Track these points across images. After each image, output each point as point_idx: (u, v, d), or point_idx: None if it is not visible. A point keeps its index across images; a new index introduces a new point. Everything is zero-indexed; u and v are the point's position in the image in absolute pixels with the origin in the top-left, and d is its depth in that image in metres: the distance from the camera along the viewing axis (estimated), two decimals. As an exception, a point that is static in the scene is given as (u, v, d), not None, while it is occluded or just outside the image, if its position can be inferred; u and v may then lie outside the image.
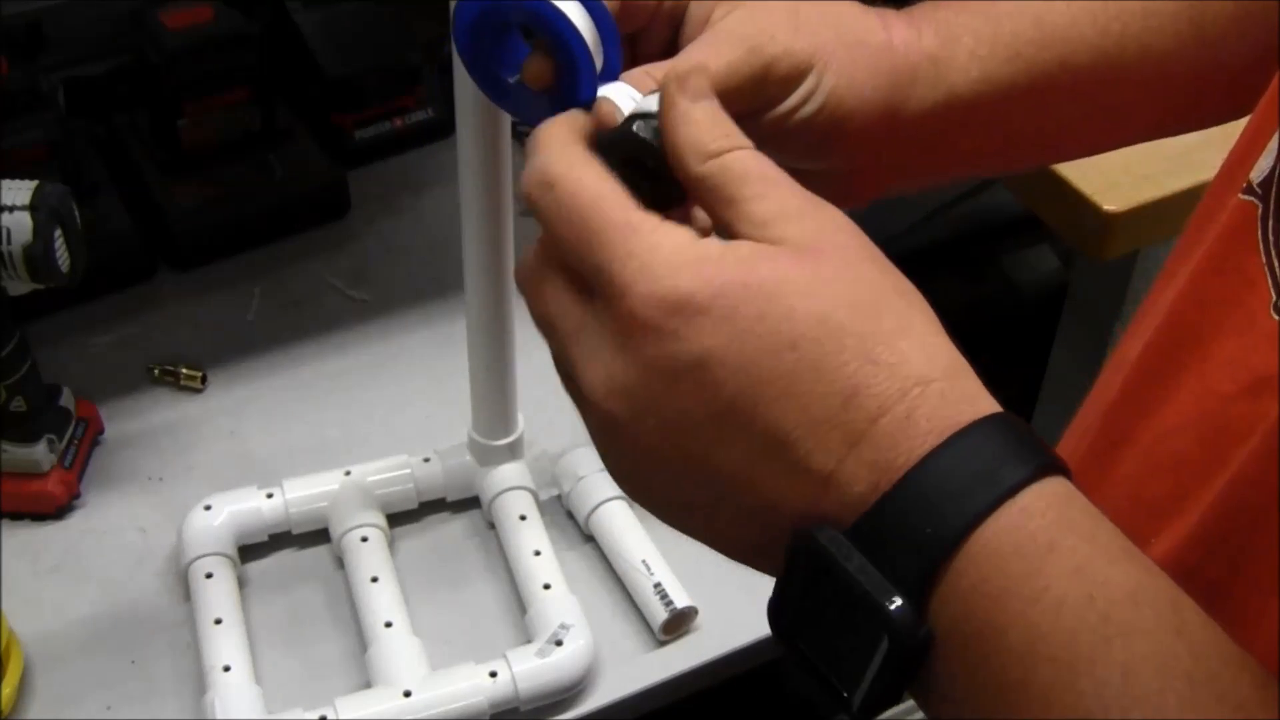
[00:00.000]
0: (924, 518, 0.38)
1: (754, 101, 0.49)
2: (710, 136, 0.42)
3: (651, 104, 0.45)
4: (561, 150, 0.43)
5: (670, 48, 0.51)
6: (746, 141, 0.43)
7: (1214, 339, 0.47)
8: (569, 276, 0.43)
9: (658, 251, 0.40)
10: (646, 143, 0.44)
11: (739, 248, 0.41)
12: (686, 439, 0.40)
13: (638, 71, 0.47)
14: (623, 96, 0.46)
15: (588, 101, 0.46)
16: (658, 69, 0.47)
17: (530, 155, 0.44)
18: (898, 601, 0.38)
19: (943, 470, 0.38)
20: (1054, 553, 0.37)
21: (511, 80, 0.49)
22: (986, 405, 0.40)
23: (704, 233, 0.42)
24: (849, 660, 0.39)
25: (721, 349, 0.39)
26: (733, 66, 0.48)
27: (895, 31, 0.52)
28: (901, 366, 0.39)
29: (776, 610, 0.41)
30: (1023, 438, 0.39)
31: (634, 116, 0.45)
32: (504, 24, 0.48)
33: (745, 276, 0.40)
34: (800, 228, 0.41)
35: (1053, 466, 0.39)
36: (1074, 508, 0.38)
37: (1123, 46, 0.55)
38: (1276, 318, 0.44)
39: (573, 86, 0.47)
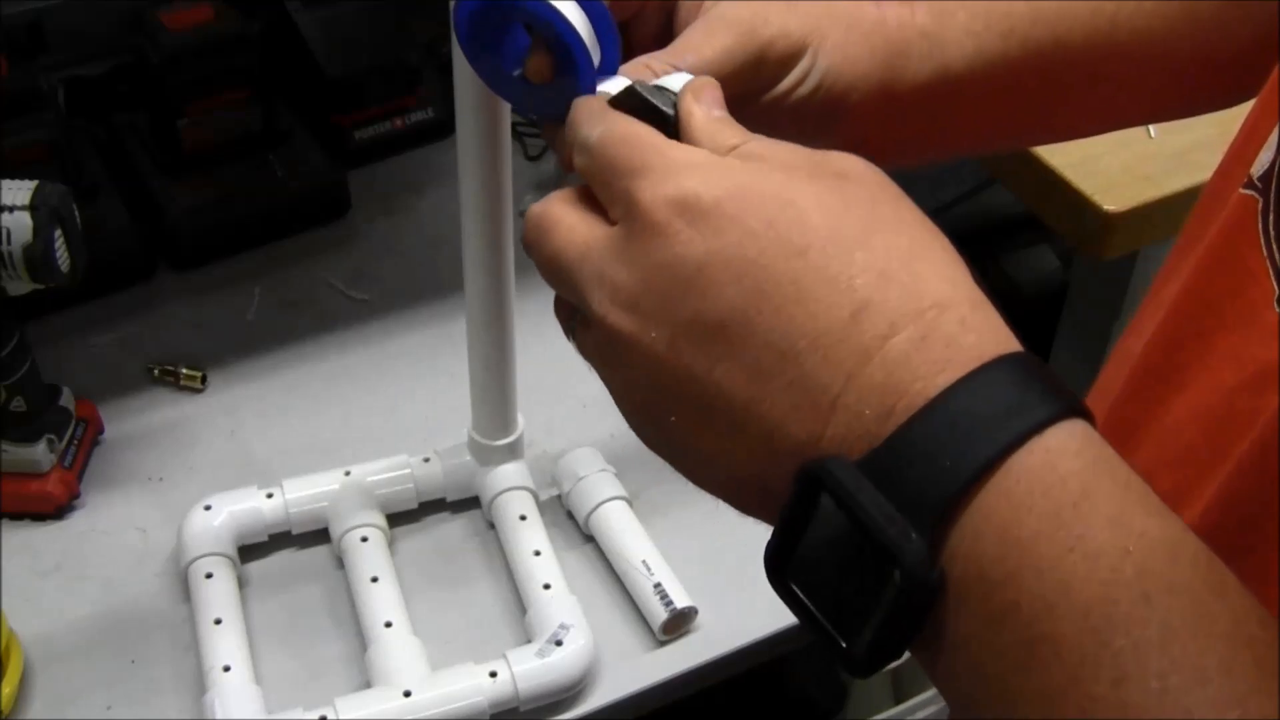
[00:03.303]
0: (943, 450, 0.35)
1: (751, 84, 0.49)
2: (725, 135, 0.43)
3: (671, 82, 0.46)
4: (602, 110, 0.44)
5: (664, 33, 0.51)
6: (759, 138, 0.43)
7: (1217, 333, 0.47)
8: (585, 210, 0.43)
9: (678, 159, 0.40)
10: (665, 114, 0.44)
11: (762, 164, 0.40)
12: (690, 352, 0.39)
13: (636, 63, 0.48)
14: (616, 89, 0.46)
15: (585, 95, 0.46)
16: (655, 60, 0.47)
17: (573, 122, 0.44)
18: (913, 536, 0.35)
19: (963, 403, 0.36)
20: (1089, 499, 0.35)
21: (514, 74, 0.50)
22: (1009, 341, 0.38)
23: None
24: (852, 604, 0.37)
25: (725, 250, 0.38)
26: (729, 51, 0.48)
27: (888, 8, 0.52)
28: (917, 285, 0.38)
29: (775, 552, 0.39)
30: (1052, 375, 0.37)
31: (654, 89, 0.45)
32: (504, 18, 0.49)
33: (760, 183, 0.39)
34: (827, 158, 0.41)
35: (1083, 410, 0.37)
36: (1106, 449, 0.36)
37: (1116, 25, 0.55)
38: (1278, 310, 0.44)
39: (573, 81, 0.47)
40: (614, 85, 0.47)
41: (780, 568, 0.39)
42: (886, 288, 0.37)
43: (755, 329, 0.38)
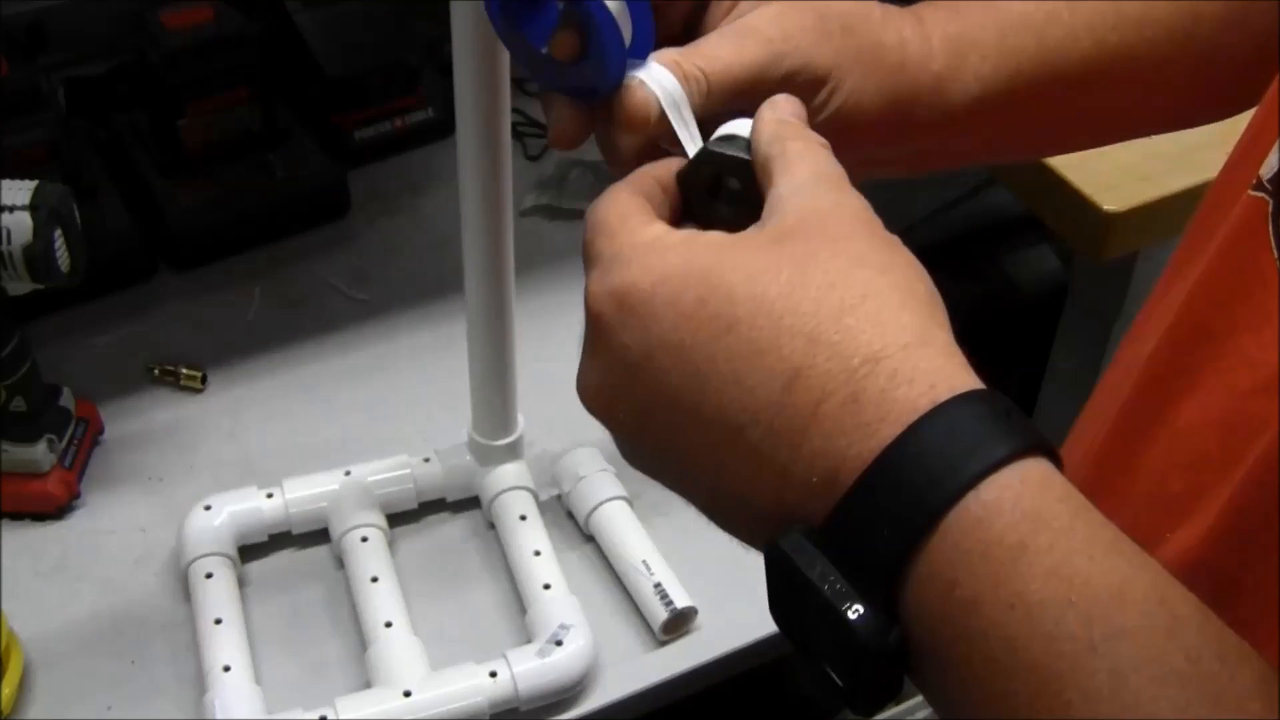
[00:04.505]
0: (881, 517, 0.36)
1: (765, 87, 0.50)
2: (792, 130, 0.44)
3: (739, 129, 0.46)
4: (603, 194, 0.46)
5: (692, 22, 0.52)
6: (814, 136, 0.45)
7: (1229, 336, 0.47)
8: None
9: (623, 247, 0.42)
10: (739, 159, 0.45)
11: (699, 236, 0.41)
12: (655, 431, 0.41)
13: (668, 53, 0.48)
14: (653, 79, 0.47)
15: (616, 77, 0.47)
16: (684, 57, 0.48)
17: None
18: (859, 610, 0.36)
19: (895, 466, 0.36)
20: (1026, 553, 0.35)
21: (543, 50, 0.49)
22: (946, 384, 0.37)
23: None
24: (837, 660, 0.38)
25: (664, 337, 0.40)
26: (755, 67, 0.48)
27: (909, 47, 0.53)
28: (846, 344, 0.38)
29: (770, 607, 0.41)
30: (988, 419, 0.37)
31: (721, 138, 0.46)
32: None
33: (689, 263, 0.40)
34: (787, 207, 0.41)
35: (1024, 448, 0.37)
36: (1048, 496, 0.36)
37: (1116, 56, 0.56)
38: None
39: (601, 62, 0.47)
40: (648, 74, 0.47)
41: (777, 621, 0.41)
42: (815, 352, 0.38)
43: (702, 410, 0.39)
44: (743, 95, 0.48)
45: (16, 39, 1.06)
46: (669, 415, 0.40)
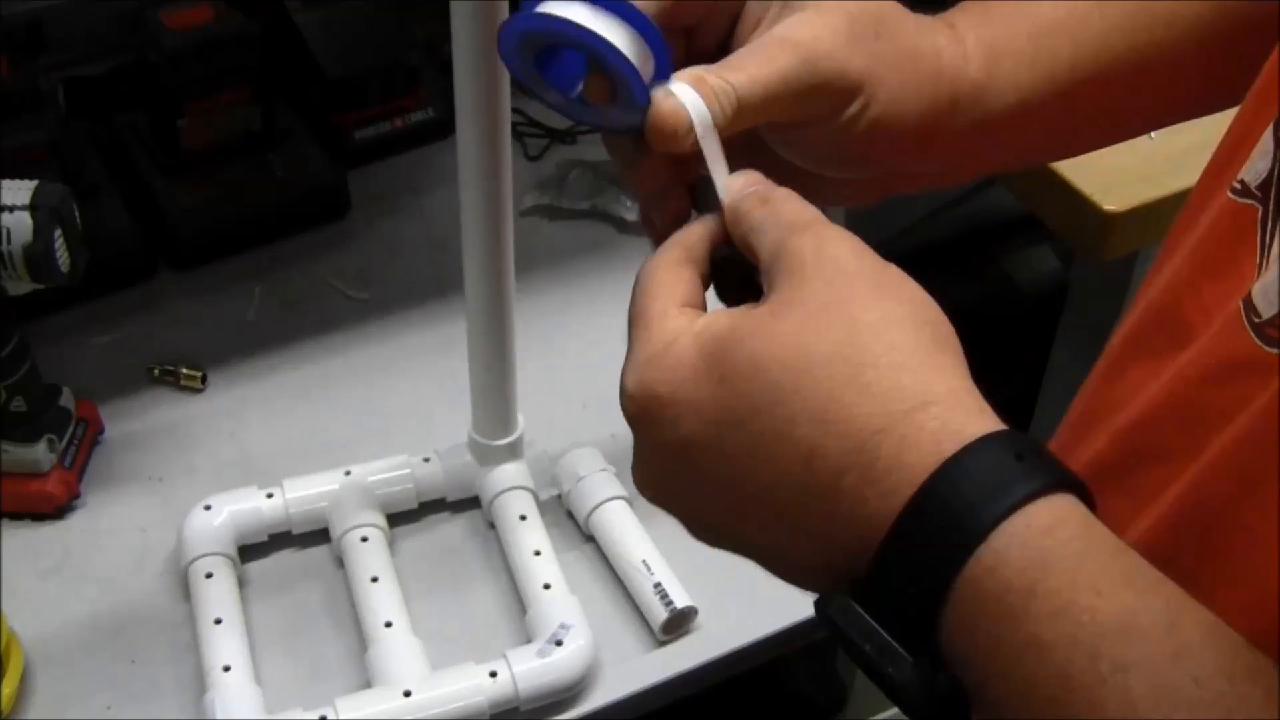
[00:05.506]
0: (907, 580, 0.39)
1: (798, 112, 0.49)
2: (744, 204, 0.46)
3: None
4: (651, 260, 0.47)
5: (726, 41, 0.51)
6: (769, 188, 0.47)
7: (1199, 331, 0.47)
8: None
9: (642, 345, 0.44)
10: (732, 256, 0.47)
11: (709, 328, 0.43)
12: (704, 512, 0.44)
13: (690, 73, 0.47)
14: (677, 92, 0.47)
15: (642, 107, 0.47)
16: (710, 74, 0.47)
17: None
18: (903, 667, 0.39)
19: (912, 528, 0.39)
20: (1035, 597, 0.37)
21: (574, 95, 0.50)
22: (953, 440, 0.39)
23: None
24: (900, 706, 0.40)
25: (693, 434, 0.42)
26: (785, 77, 0.47)
27: (945, 54, 0.52)
28: (852, 421, 0.40)
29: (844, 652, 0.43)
30: (997, 466, 0.39)
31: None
32: (553, 42, 0.48)
33: (699, 363, 0.43)
34: (776, 281, 0.43)
35: (1035, 491, 0.38)
36: (1057, 537, 0.38)
37: (1146, 55, 0.55)
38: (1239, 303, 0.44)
39: (628, 99, 0.47)
40: (670, 88, 0.47)
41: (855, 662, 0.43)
42: (825, 432, 0.40)
43: (741, 492, 0.42)
44: (778, 106, 0.47)
45: (16, 39, 1.06)
46: (715, 499, 0.43)
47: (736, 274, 0.47)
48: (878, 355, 0.41)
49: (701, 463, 0.43)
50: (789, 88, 0.47)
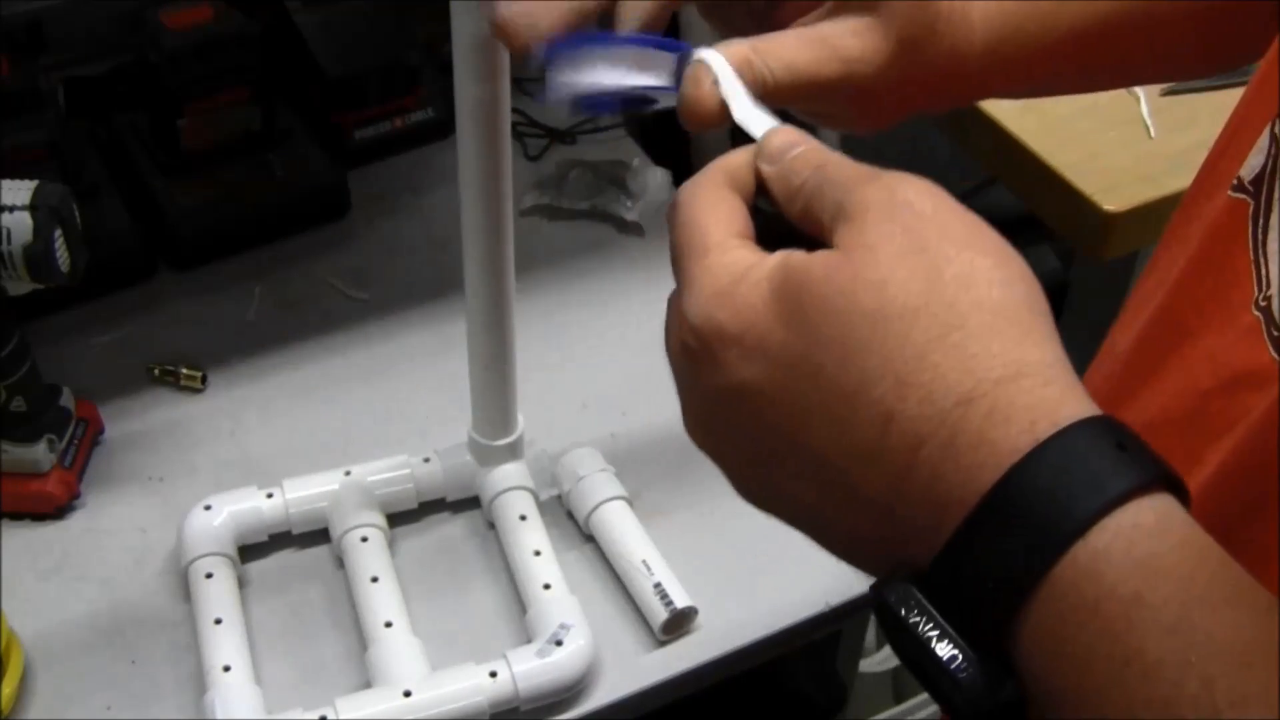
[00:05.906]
0: (984, 574, 0.34)
1: (818, 108, 0.51)
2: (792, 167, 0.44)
3: None
4: (693, 182, 0.44)
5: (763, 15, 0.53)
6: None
7: (1199, 334, 0.47)
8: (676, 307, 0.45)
9: (708, 277, 0.40)
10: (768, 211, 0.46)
11: (778, 269, 0.40)
12: (755, 464, 0.41)
13: (738, 43, 0.48)
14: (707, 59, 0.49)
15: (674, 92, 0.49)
16: (755, 51, 0.48)
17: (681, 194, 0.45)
18: (969, 671, 0.35)
19: (997, 515, 0.34)
20: (1142, 607, 0.33)
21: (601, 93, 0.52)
22: (1047, 419, 0.35)
23: None
24: (954, 708, 0.37)
25: (757, 379, 0.39)
26: (820, 82, 0.49)
27: (958, 34, 0.52)
28: (935, 385, 0.36)
29: (887, 638, 0.40)
30: (1096, 455, 0.35)
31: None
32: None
33: (772, 303, 0.39)
34: (851, 226, 0.39)
35: (1137, 486, 0.34)
36: (1166, 541, 0.34)
37: (1154, 14, 0.55)
38: (1256, 314, 0.44)
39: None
40: (704, 55, 0.48)
41: (897, 654, 0.39)
42: (905, 395, 0.36)
43: (798, 447, 0.39)
44: (802, 99, 0.49)
45: (16, 39, 1.06)
46: (767, 451, 0.40)
47: (775, 230, 0.45)
48: (965, 314, 0.37)
49: (765, 411, 0.39)
50: (820, 90, 0.49)
